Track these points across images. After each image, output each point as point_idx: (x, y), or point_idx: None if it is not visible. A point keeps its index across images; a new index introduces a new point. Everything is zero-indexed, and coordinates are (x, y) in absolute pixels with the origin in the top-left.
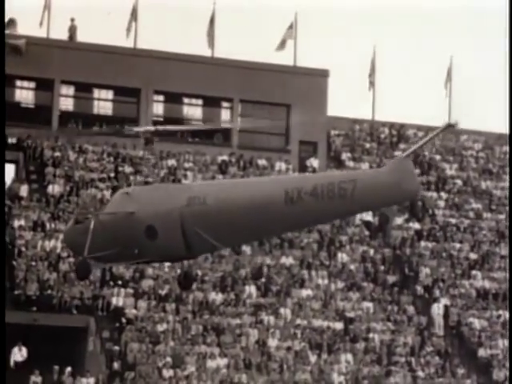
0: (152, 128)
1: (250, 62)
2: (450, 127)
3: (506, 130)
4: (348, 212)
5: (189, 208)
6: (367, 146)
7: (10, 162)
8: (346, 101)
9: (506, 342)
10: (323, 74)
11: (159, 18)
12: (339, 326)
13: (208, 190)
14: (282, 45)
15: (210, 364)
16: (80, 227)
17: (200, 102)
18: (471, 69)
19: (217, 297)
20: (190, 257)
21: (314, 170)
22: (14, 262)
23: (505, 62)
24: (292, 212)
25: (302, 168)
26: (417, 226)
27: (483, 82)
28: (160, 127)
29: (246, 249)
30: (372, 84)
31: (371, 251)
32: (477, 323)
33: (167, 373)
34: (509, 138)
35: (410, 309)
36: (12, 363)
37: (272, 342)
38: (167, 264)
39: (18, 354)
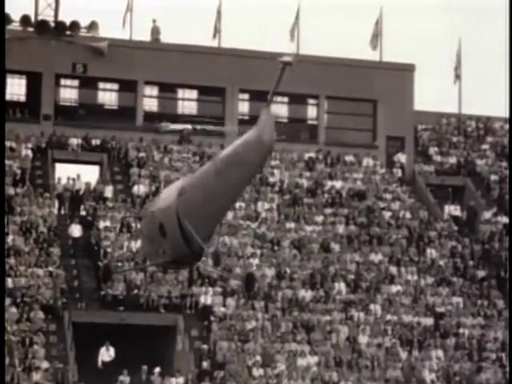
0: (181, 126)
1: (336, 58)
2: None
3: None
4: None
5: (178, 199)
6: (454, 139)
7: (95, 163)
8: (432, 95)
9: None
10: (409, 69)
11: (242, 17)
12: (429, 321)
13: (189, 179)
14: (375, 41)
15: (301, 362)
16: None
17: (286, 99)
18: None
19: (306, 294)
20: (193, 257)
21: (401, 166)
22: (100, 263)
23: None
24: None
25: (390, 164)
26: (505, 219)
27: None
28: (188, 126)
29: (335, 246)
30: (458, 77)
31: (459, 246)
32: None
33: (257, 371)
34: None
35: (500, 303)
36: (100, 363)
37: (362, 339)
38: (256, 262)
39: (106, 354)
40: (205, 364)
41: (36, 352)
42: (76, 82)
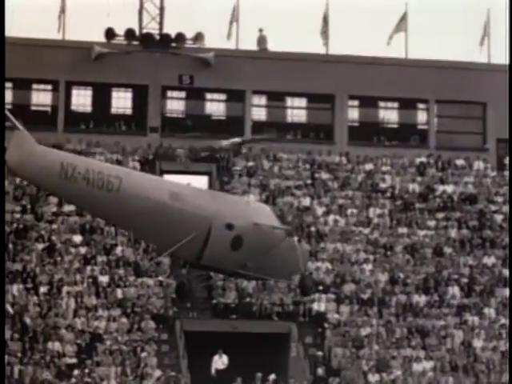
0: (239, 139)
1: (445, 61)
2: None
3: None
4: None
5: None
6: None
7: (203, 173)
8: None
9: None
10: None
11: (350, 21)
12: None
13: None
14: (483, 42)
15: (416, 367)
16: None
17: (396, 104)
18: None
19: (420, 299)
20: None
21: None
22: (212, 272)
23: None
24: None
25: (500, 166)
26: None
27: None
28: (237, 139)
29: (448, 250)
30: None
31: None
32: None
33: (372, 377)
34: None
35: None
36: (213, 371)
37: (477, 343)
38: (369, 267)
39: (219, 362)
40: (320, 371)
41: (148, 361)
42: (183, 94)
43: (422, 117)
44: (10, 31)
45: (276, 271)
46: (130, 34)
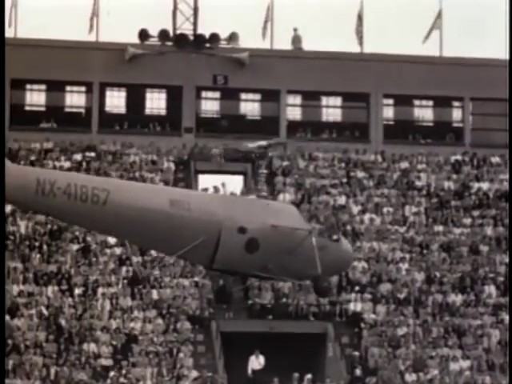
0: (264, 143)
1: (479, 59)
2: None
3: None
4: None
5: None
6: None
7: (239, 173)
8: None
9: None
10: None
11: (384, 19)
12: None
13: None
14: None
15: (453, 367)
16: None
17: (430, 102)
18: None
19: (456, 298)
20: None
21: None
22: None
23: None
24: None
25: None
26: None
27: None
28: (263, 142)
29: (484, 248)
30: None
31: None
32: None
33: (409, 377)
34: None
35: None
36: (250, 371)
37: None
38: (405, 266)
39: (256, 362)
40: (357, 371)
41: (184, 361)
42: (217, 94)
43: (457, 114)
44: (42, 34)
45: (300, 272)
46: (163, 34)
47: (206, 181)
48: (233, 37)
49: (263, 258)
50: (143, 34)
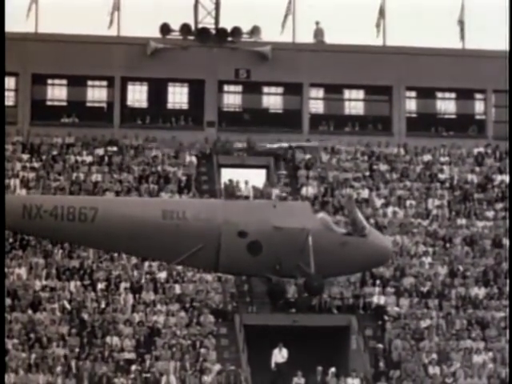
0: (286, 144)
1: (502, 51)
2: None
3: None
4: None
5: None
6: None
7: (261, 167)
8: None
9: None
10: None
11: (406, 12)
12: None
13: None
14: None
15: (476, 359)
16: None
17: (453, 95)
18: None
19: (479, 291)
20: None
21: None
22: None
23: None
24: None
25: None
26: None
27: None
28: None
29: (507, 241)
30: None
31: None
32: None
33: (433, 369)
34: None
35: None
36: (273, 365)
37: None
38: (428, 260)
39: (279, 356)
40: (381, 363)
41: (207, 355)
42: (239, 88)
43: (479, 107)
44: (64, 28)
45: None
46: (185, 29)
47: (228, 175)
48: (255, 30)
49: (270, 259)
50: (165, 29)
